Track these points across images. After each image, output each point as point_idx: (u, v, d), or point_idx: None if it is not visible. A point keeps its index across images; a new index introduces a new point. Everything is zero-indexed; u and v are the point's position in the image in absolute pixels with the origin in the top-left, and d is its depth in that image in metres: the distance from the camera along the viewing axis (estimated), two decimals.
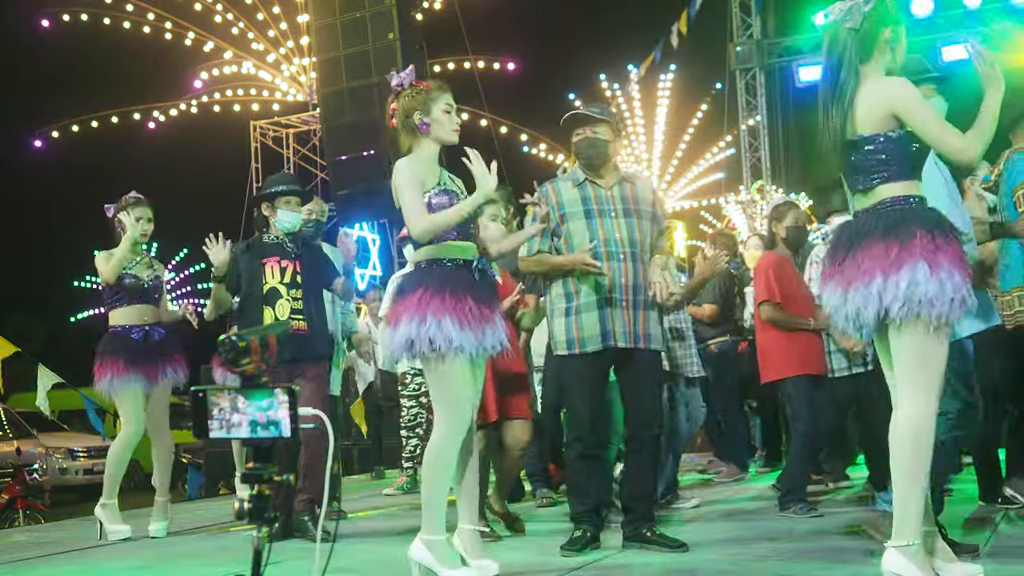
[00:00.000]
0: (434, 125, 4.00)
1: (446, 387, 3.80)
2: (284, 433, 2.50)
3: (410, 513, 6.48)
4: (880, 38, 3.53)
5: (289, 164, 20.17)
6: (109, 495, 5.84)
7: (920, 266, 3.22)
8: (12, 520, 9.05)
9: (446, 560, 3.79)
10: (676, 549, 4.42)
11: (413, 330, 3.75)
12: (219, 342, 2.57)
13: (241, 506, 2.54)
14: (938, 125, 3.39)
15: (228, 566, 4.49)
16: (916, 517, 3.25)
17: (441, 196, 3.91)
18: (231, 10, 20.05)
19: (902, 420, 3.29)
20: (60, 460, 14.75)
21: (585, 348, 4.53)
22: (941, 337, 3.27)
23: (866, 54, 3.51)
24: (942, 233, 3.29)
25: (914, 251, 3.24)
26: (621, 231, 4.59)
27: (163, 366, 5.90)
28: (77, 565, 5.06)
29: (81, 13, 19.68)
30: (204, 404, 2.53)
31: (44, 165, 23.93)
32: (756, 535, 4.85)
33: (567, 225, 4.63)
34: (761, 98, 18.36)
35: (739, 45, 18.03)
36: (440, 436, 3.79)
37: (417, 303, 3.78)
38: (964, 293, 3.22)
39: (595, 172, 4.71)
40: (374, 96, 16.72)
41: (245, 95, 20.67)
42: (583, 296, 4.55)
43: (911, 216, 3.33)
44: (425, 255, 3.93)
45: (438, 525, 3.80)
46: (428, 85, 4.06)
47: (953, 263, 3.23)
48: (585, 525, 4.56)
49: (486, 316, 3.83)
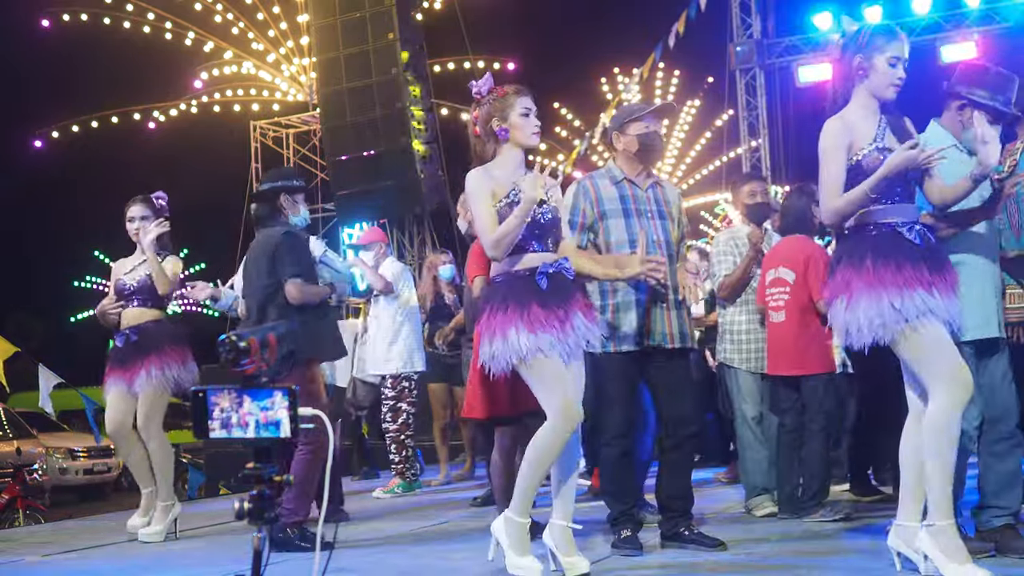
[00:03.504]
0: (512, 130, 3.99)
1: (543, 388, 3.86)
2: (284, 433, 2.50)
3: (410, 513, 6.48)
4: (852, 67, 3.66)
5: (289, 164, 20.14)
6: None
7: (837, 301, 3.53)
8: (12, 520, 9.05)
9: (517, 544, 3.89)
10: (714, 548, 4.45)
11: (490, 349, 3.86)
12: (219, 342, 2.57)
13: (241, 506, 2.54)
14: (827, 182, 3.62)
15: (228, 566, 4.49)
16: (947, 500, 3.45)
17: (509, 208, 3.91)
18: (231, 10, 20.07)
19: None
20: (60, 460, 14.74)
21: (621, 347, 4.51)
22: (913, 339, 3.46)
23: (846, 84, 3.69)
24: (858, 259, 3.51)
25: (834, 287, 3.58)
26: (658, 232, 4.61)
27: (139, 370, 5.67)
28: (77, 565, 5.06)
29: (81, 13, 19.68)
30: (204, 404, 2.53)
31: (44, 165, 23.92)
32: (756, 536, 4.85)
33: (605, 222, 4.59)
34: (761, 98, 18.34)
35: (739, 45, 18.01)
36: (549, 429, 3.83)
37: (487, 322, 3.89)
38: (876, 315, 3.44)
39: (640, 170, 4.69)
40: (374, 96, 16.73)
41: (245, 95, 20.69)
42: (621, 295, 4.54)
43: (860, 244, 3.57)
44: (495, 269, 4.02)
45: (525, 508, 3.91)
46: (504, 91, 4.04)
47: (873, 288, 3.45)
48: (630, 524, 4.55)
49: (560, 318, 3.85)
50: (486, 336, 3.90)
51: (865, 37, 3.68)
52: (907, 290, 3.43)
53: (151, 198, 5.93)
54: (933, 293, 3.45)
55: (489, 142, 4.03)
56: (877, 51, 3.66)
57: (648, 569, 4.20)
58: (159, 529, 5.66)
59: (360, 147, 16.86)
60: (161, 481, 5.74)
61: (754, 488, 5.48)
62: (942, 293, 3.47)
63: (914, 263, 3.48)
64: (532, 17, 25.90)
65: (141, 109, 20.60)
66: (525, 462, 3.91)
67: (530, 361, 3.81)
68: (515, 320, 3.81)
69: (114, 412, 5.76)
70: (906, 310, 3.42)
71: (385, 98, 16.65)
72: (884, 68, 3.66)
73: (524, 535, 3.93)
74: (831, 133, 3.66)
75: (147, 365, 5.67)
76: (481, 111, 4.06)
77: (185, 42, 20.13)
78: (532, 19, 26.00)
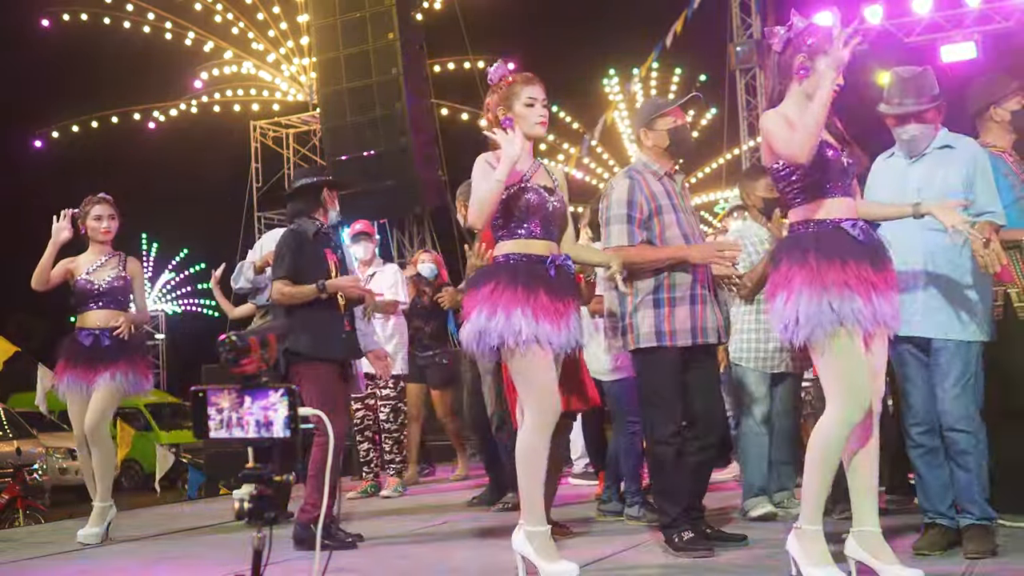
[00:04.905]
0: (517, 120, 3.95)
1: (528, 379, 3.81)
2: (284, 433, 2.50)
3: (410, 513, 6.48)
4: (794, 66, 3.63)
5: (289, 164, 20.16)
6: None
7: (778, 295, 3.50)
8: (12, 520, 9.05)
9: (546, 553, 3.80)
10: (737, 544, 4.48)
11: (482, 323, 3.76)
12: (219, 342, 2.57)
13: (241, 506, 2.54)
14: (779, 137, 3.52)
15: (228, 566, 4.49)
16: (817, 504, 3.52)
17: (514, 197, 3.89)
18: (231, 10, 20.06)
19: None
20: (60, 460, 14.73)
21: (676, 341, 4.45)
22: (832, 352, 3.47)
23: (784, 81, 3.66)
24: (800, 257, 3.48)
25: (776, 280, 3.54)
26: (695, 225, 4.60)
27: (103, 371, 5.61)
28: (77, 565, 5.06)
29: (81, 13, 19.68)
30: (204, 404, 2.53)
31: (44, 165, 23.90)
32: (756, 536, 4.84)
33: (660, 218, 4.51)
34: (761, 98, 18.33)
35: (739, 45, 18.00)
36: (529, 428, 3.79)
37: (488, 296, 3.78)
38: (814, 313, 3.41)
39: (671, 164, 4.66)
40: (374, 96, 16.72)
41: (245, 95, 20.68)
42: (677, 289, 4.46)
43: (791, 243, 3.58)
44: (500, 251, 3.95)
45: (539, 516, 3.82)
46: (511, 80, 4.01)
47: (803, 287, 3.42)
48: (688, 525, 4.42)
49: (560, 311, 3.81)
50: (482, 309, 3.78)
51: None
52: (847, 292, 3.41)
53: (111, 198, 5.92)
54: (871, 299, 3.42)
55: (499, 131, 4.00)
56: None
57: (648, 569, 4.19)
58: (96, 531, 5.59)
59: (360, 147, 16.85)
60: (102, 481, 5.67)
61: (751, 488, 5.43)
62: (881, 293, 3.46)
63: (857, 260, 3.46)
64: (532, 17, 25.89)
65: (141, 109, 20.60)
66: (520, 472, 3.82)
67: (523, 349, 3.75)
68: (522, 302, 3.75)
69: (81, 416, 5.64)
70: (842, 313, 3.40)
71: (385, 98, 16.64)
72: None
73: (549, 542, 3.84)
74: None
75: (114, 369, 5.63)
76: (492, 99, 4.04)
77: (185, 42, 20.13)
78: (532, 19, 26.00)
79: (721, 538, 4.53)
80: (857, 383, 3.46)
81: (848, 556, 3.62)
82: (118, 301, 5.80)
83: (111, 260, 5.87)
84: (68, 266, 5.86)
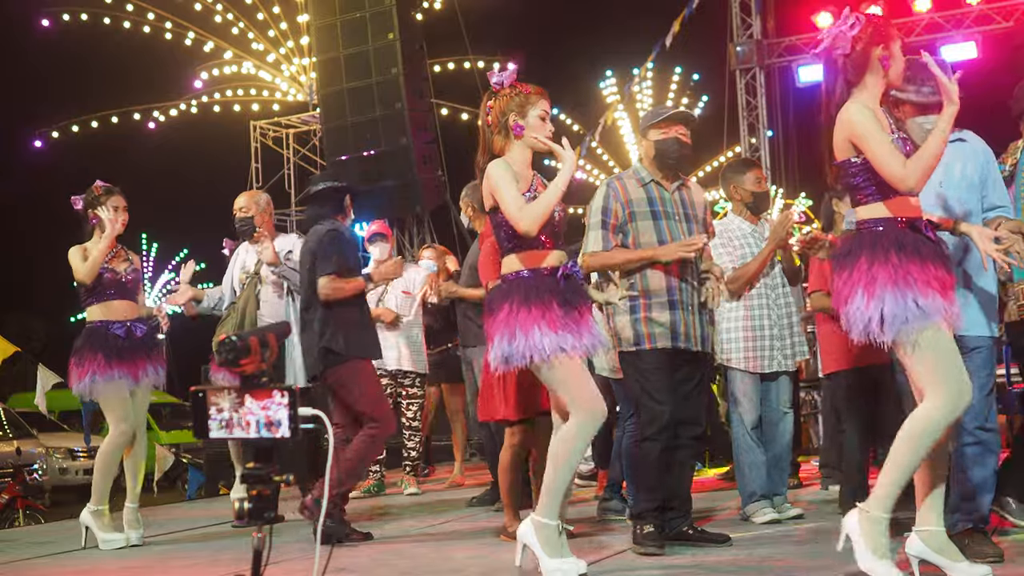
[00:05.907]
0: (528, 130, 3.97)
1: (568, 386, 3.85)
2: (284, 433, 2.50)
3: (410, 513, 6.48)
4: (871, 58, 3.58)
5: (289, 164, 20.16)
6: (99, 500, 5.49)
7: (856, 294, 3.43)
8: (12, 520, 9.05)
9: (550, 547, 3.82)
10: (720, 544, 4.49)
11: (506, 348, 3.82)
12: (219, 342, 2.57)
13: (241, 506, 2.54)
14: (882, 153, 3.47)
15: (228, 566, 4.49)
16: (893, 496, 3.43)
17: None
18: (231, 10, 20.03)
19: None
20: (60, 460, 14.73)
21: (656, 343, 4.52)
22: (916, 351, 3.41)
23: (857, 76, 3.59)
24: (883, 255, 3.42)
25: (856, 278, 3.45)
26: (684, 234, 4.62)
27: (145, 365, 5.58)
28: (77, 565, 5.06)
29: (81, 13, 19.65)
30: (204, 404, 2.53)
31: (44, 165, 23.90)
32: (756, 536, 4.84)
33: (634, 224, 4.61)
34: (761, 98, 18.34)
35: (739, 45, 18.02)
36: (576, 427, 3.82)
37: (506, 320, 3.83)
38: (900, 310, 3.36)
39: (667, 173, 4.70)
40: (374, 96, 16.71)
41: (245, 95, 20.65)
42: (652, 295, 4.54)
43: (863, 242, 3.50)
44: (509, 267, 3.97)
45: (553, 511, 3.85)
46: (528, 88, 4.02)
47: (887, 285, 3.38)
48: (655, 521, 4.49)
49: (576, 319, 3.85)
50: (503, 334, 3.83)
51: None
52: (930, 290, 3.39)
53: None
54: (948, 297, 3.43)
55: (500, 136, 4.01)
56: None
57: (648, 569, 4.19)
58: (137, 534, 5.54)
59: (360, 147, 16.84)
60: (138, 483, 5.65)
61: (752, 495, 5.30)
62: (950, 292, 3.45)
63: (933, 260, 3.45)
64: (532, 17, 25.90)
65: (141, 109, 20.57)
66: (552, 464, 3.87)
67: (552, 361, 3.79)
68: (538, 319, 3.78)
69: (131, 409, 5.50)
70: (928, 310, 3.38)
71: (385, 98, 16.63)
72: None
73: (556, 537, 3.85)
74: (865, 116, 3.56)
75: (154, 363, 5.65)
76: (498, 102, 4.02)
77: (185, 42, 20.10)
78: (532, 19, 26.00)
79: (704, 539, 4.54)
80: (954, 372, 3.42)
81: (910, 555, 3.57)
82: (133, 293, 5.76)
83: (120, 252, 5.76)
84: (86, 256, 5.66)
